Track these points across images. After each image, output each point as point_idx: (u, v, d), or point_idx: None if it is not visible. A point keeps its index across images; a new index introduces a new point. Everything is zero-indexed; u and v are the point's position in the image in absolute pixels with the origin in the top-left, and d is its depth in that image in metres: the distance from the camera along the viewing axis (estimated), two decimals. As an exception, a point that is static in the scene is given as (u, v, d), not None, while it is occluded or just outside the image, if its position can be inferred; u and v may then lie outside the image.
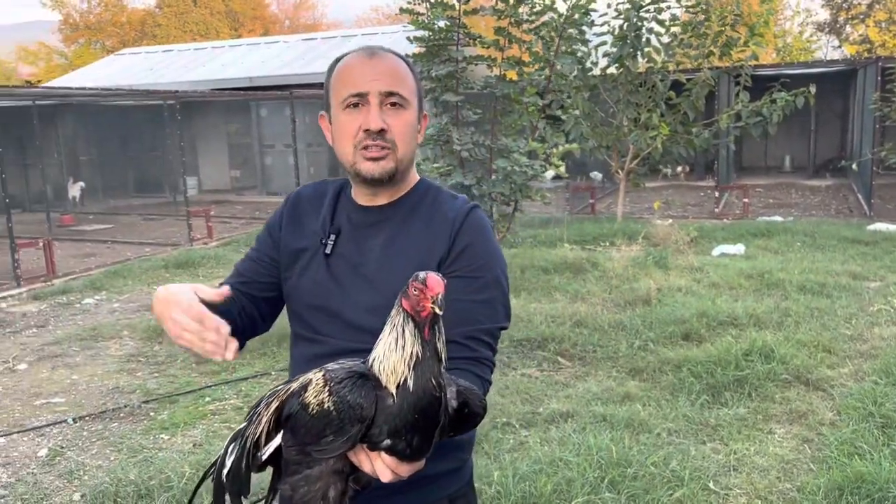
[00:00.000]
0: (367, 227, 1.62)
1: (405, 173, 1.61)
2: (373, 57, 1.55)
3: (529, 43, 6.59)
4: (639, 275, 7.25)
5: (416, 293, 1.18)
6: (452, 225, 1.57)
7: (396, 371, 1.17)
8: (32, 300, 8.07)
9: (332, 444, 1.19)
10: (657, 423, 4.10)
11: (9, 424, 4.72)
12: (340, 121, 1.56)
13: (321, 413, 1.18)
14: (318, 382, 1.21)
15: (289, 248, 1.68)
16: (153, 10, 44.64)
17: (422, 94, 1.65)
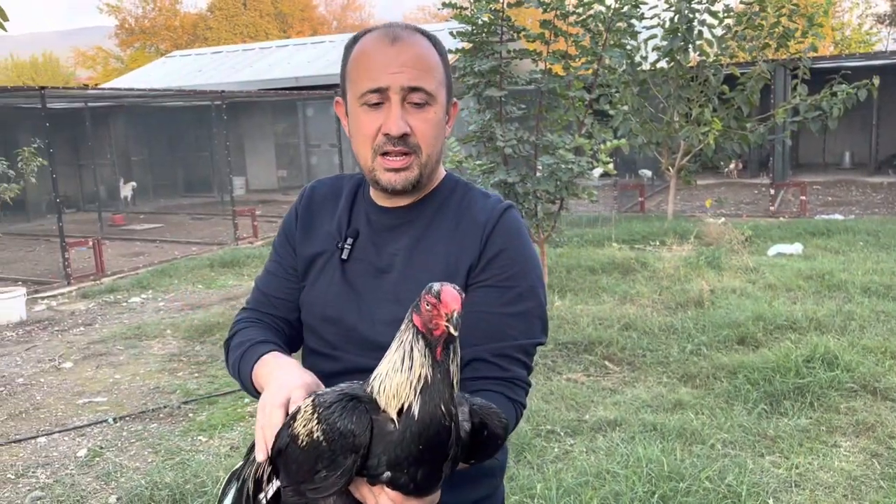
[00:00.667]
0: (388, 229, 1.45)
1: (430, 175, 1.43)
2: (395, 42, 1.35)
3: (576, 36, 6.38)
4: (690, 275, 6.97)
5: (429, 308, 1.02)
6: (484, 228, 1.40)
7: (400, 394, 1.01)
8: (81, 298, 8.17)
9: (326, 480, 1.03)
10: (711, 434, 3.87)
11: (51, 423, 4.73)
12: (358, 118, 1.38)
13: (311, 444, 1.03)
14: (306, 410, 1.05)
15: (302, 255, 1.52)
16: (205, 14, 45.51)
17: (451, 80, 1.45)
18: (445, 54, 1.44)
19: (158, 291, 8.27)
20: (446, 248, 1.41)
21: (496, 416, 1.15)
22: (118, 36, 45.19)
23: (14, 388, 5.39)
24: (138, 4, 44.68)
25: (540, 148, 6.30)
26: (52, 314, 7.54)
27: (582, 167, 6.03)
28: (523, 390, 1.41)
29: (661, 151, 10.89)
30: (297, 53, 19.35)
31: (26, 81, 39.49)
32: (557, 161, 5.98)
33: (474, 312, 1.37)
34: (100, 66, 44.88)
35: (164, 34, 43.97)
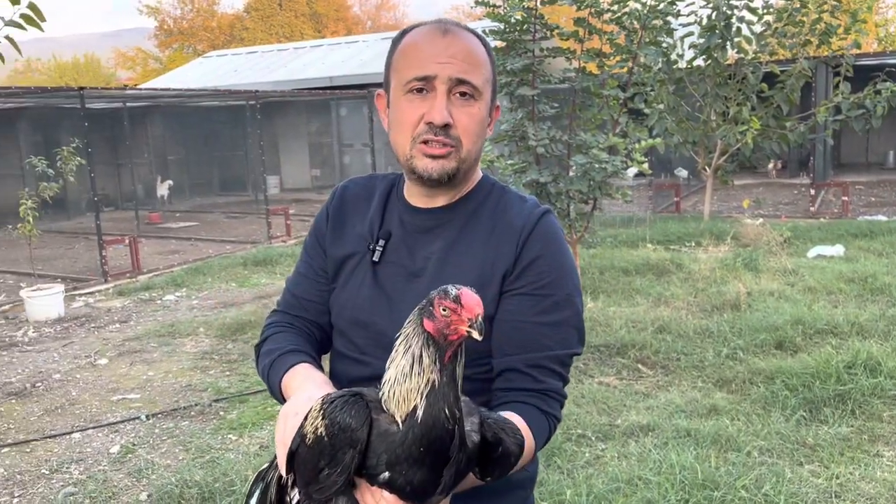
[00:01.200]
0: (421, 232, 1.42)
1: (468, 173, 1.40)
2: (447, 34, 1.33)
3: (611, 34, 6.29)
4: (727, 277, 6.83)
5: (446, 313, 0.99)
6: (520, 233, 1.36)
7: (409, 399, 0.99)
8: (118, 296, 8.29)
9: (328, 478, 1.02)
10: (747, 441, 3.77)
11: (86, 420, 4.79)
12: (401, 106, 1.35)
13: (315, 441, 1.02)
14: (314, 409, 1.05)
15: (333, 256, 1.49)
16: (241, 14, 46.05)
17: (496, 82, 1.42)
18: (493, 56, 1.42)
19: (192, 289, 8.36)
20: (481, 253, 1.37)
21: (512, 432, 1.12)
22: (157, 37, 45.97)
23: (51, 384, 5.48)
24: (177, 6, 45.41)
25: (573, 147, 6.22)
26: (89, 311, 7.66)
27: (615, 167, 5.93)
28: (558, 402, 1.37)
29: (697, 151, 10.70)
30: (330, 53, 19.45)
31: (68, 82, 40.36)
32: (591, 160, 5.90)
33: (508, 321, 1.35)
34: (139, 66, 45.69)
35: (202, 35, 44.60)
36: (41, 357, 6.15)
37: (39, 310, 7.30)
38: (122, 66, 48.05)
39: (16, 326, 7.17)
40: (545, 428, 1.33)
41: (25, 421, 4.82)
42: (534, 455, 1.32)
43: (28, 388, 5.41)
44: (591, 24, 6.19)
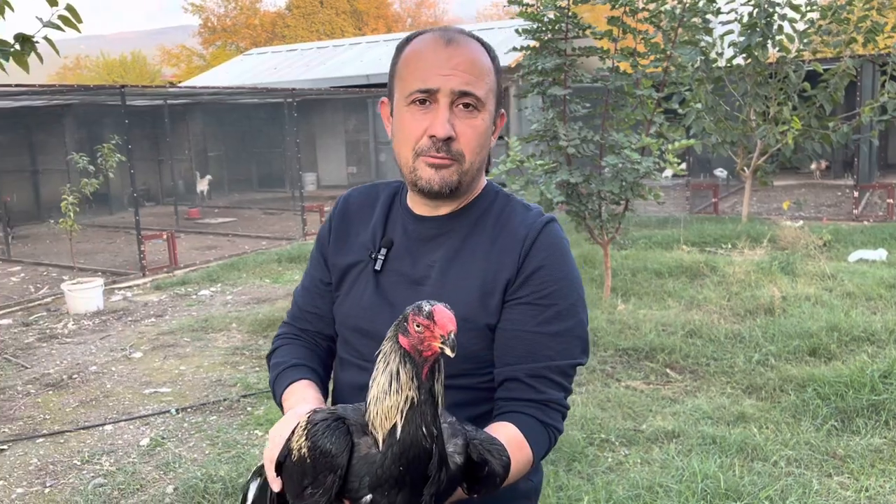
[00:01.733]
0: (424, 240, 1.42)
1: (471, 184, 1.39)
2: (450, 44, 1.32)
3: (645, 33, 6.21)
4: (762, 281, 6.69)
5: (420, 329, 0.99)
6: (523, 242, 1.35)
7: (390, 417, 0.99)
8: (155, 290, 8.46)
9: (311, 497, 1.03)
10: (774, 450, 3.69)
11: (118, 412, 4.90)
12: (403, 118, 1.34)
13: (300, 460, 1.03)
14: (301, 425, 1.06)
15: (337, 265, 1.50)
16: (283, 12, 46.56)
17: (501, 90, 1.41)
18: (498, 63, 1.40)
19: (227, 285, 8.48)
20: (484, 262, 1.36)
21: (498, 453, 1.11)
22: (201, 34, 46.75)
23: (87, 376, 5.62)
24: (221, 4, 46.11)
25: (605, 147, 6.16)
26: (126, 304, 7.83)
27: (647, 168, 5.86)
28: (559, 413, 1.36)
29: (736, 151, 10.51)
30: (368, 51, 19.55)
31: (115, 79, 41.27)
32: (622, 161, 5.83)
33: (510, 331, 1.35)
34: (183, 63, 46.50)
35: (245, 32, 45.21)
36: (79, 349, 6.30)
37: (79, 303, 7.48)
38: (167, 63, 48.96)
39: (57, 319, 7.36)
40: (545, 439, 1.32)
41: (61, 412, 4.94)
42: (533, 466, 1.31)
43: (65, 380, 5.55)
44: (626, 22, 6.12)
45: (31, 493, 3.84)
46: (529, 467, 1.29)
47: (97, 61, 48.36)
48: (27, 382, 5.52)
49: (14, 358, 6.10)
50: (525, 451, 1.26)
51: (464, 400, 1.35)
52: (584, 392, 4.63)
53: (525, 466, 1.27)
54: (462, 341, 1.33)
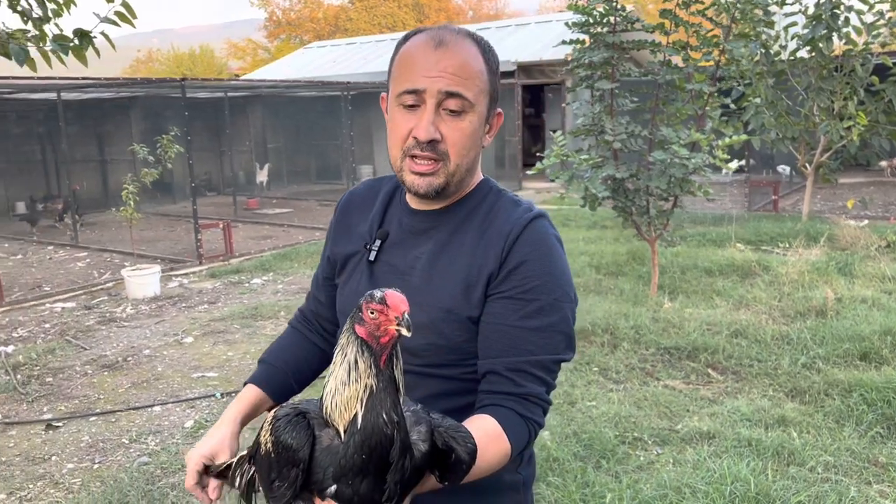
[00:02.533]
0: (415, 233, 1.45)
1: (461, 184, 1.40)
2: (440, 46, 1.32)
3: (698, 26, 6.07)
4: (816, 282, 6.49)
5: (374, 315, 1.01)
6: (507, 237, 1.36)
7: (350, 407, 1.01)
8: (210, 278, 8.71)
9: (279, 489, 1.06)
10: (813, 455, 3.60)
11: (167, 394, 5.09)
12: (394, 118, 1.37)
13: (266, 454, 1.07)
14: (267, 421, 1.09)
15: (339, 255, 1.54)
16: (346, 5, 47.07)
17: (497, 90, 1.41)
18: (494, 63, 1.40)
19: (279, 274, 8.68)
20: (469, 256, 1.38)
21: (463, 440, 1.12)
22: (266, 28, 47.67)
23: (140, 359, 5.84)
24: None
25: (654, 143, 6.07)
26: (182, 291, 8.09)
27: (696, 164, 5.74)
28: (539, 407, 1.36)
29: (797, 147, 10.18)
30: (427, 44, 19.60)
31: (184, 72, 42.42)
32: (670, 156, 5.73)
33: (491, 324, 1.35)
34: (249, 56, 47.51)
35: (308, 25, 45.90)
36: (135, 333, 6.55)
37: (138, 288, 7.77)
38: (233, 56, 50.09)
39: (116, 303, 7.66)
40: (524, 432, 1.33)
41: (114, 392, 5.16)
42: (511, 458, 1.32)
43: (120, 362, 5.78)
44: (678, 15, 6.00)
45: (80, 469, 4.03)
46: (507, 459, 1.30)
47: (168, 54, 49.75)
48: (85, 363, 5.78)
49: (75, 340, 6.39)
50: (502, 442, 1.27)
51: (447, 390, 1.37)
52: (621, 390, 4.59)
53: (503, 458, 1.28)
54: (446, 332, 1.36)
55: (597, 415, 4.17)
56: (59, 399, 5.08)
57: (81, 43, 4.17)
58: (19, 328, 6.89)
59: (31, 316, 7.32)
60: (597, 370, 4.95)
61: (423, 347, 1.35)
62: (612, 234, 9.35)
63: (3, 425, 4.65)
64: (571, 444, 3.79)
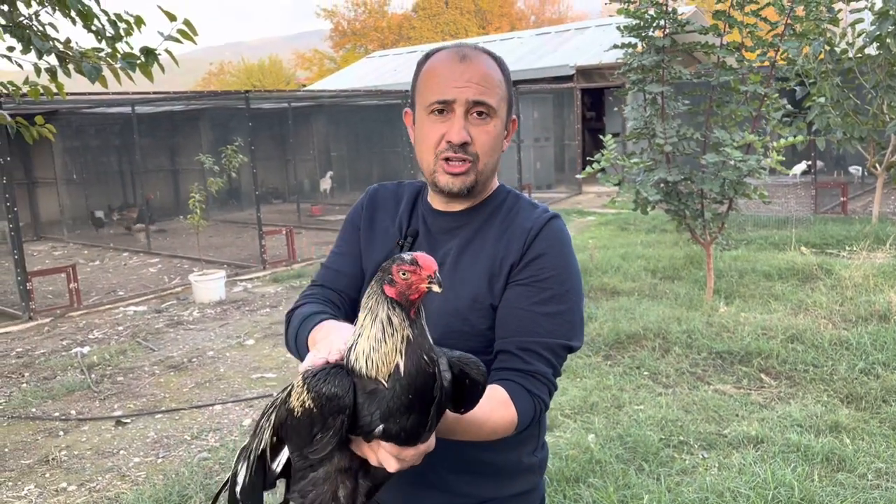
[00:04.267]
0: (442, 232, 1.57)
1: (486, 185, 1.55)
2: (463, 60, 1.47)
3: (753, 26, 5.98)
4: (881, 286, 6.29)
5: (406, 276, 1.11)
6: (528, 232, 1.49)
7: (390, 361, 1.11)
8: (273, 282, 9.00)
9: (321, 441, 1.15)
10: (864, 462, 3.52)
11: (227, 394, 5.31)
12: (424, 126, 1.50)
13: (305, 413, 1.14)
14: (298, 385, 1.18)
15: (371, 263, 1.61)
16: (409, 14, 47.66)
17: (512, 98, 1.56)
18: (508, 74, 1.54)
19: (338, 279, 8.89)
20: (493, 250, 1.50)
21: (474, 365, 1.22)
22: (332, 38, 48.67)
23: (204, 360, 6.10)
24: (350, 8, 47.81)
25: (709, 145, 6.01)
26: (246, 295, 8.39)
27: (751, 166, 5.66)
28: (545, 387, 1.45)
29: (866, 147, 9.84)
30: (486, 50, 19.69)
31: (254, 83, 43.69)
32: (724, 159, 5.67)
33: (507, 308, 1.47)
34: (315, 66, 48.58)
35: (373, 35, 46.66)
36: (200, 336, 6.84)
37: (204, 293, 8.10)
38: (300, 66, 51.30)
39: (184, 307, 8.00)
40: (530, 406, 1.41)
41: (179, 392, 5.42)
42: (516, 429, 1.39)
43: (185, 363, 6.06)
44: (732, 16, 5.93)
45: (145, 463, 4.26)
46: (513, 428, 1.39)
47: (238, 66, 51.29)
48: (153, 364, 6.08)
49: (145, 342, 6.72)
50: (510, 409, 1.37)
51: None
52: (669, 394, 4.57)
53: (508, 425, 1.37)
54: (471, 319, 1.49)
55: (643, 418, 4.16)
56: (129, 397, 5.37)
57: (147, 60, 4.42)
58: (95, 330, 7.28)
59: (106, 319, 7.72)
60: (647, 374, 4.93)
61: (450, 335, 1.45)
62: (670, 239, 9.23)
63: (76, 421, 4.95)
64: (615, 446, 3.81)
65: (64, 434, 4.75)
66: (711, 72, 6.04)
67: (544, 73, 16.58)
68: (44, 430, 4.83)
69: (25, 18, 4.40)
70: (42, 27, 4.47)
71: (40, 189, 14.21)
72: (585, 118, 18.36)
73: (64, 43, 4.48)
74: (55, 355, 6.45)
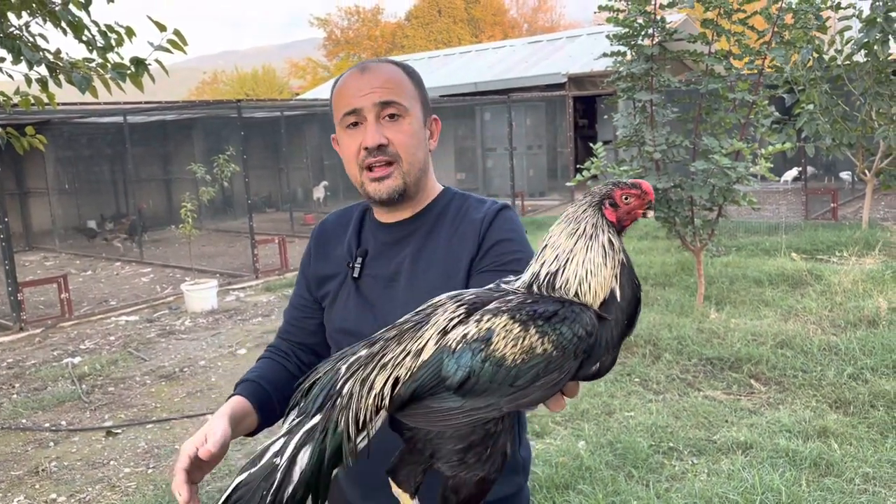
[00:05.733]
0: (393, 244, 1.58)
1: (418, 185, 1.54)
2: (365, 72, 1.51)
3: (740, 34, 6.04)
4: (871, 291, 6.33)
5: (629, 200, 1.10)
6: (481, 224, 1.50)
7: (605, 286, 1.06)
8: (265, 291, 9.00)
9: (540, 387, 1.03)
10: (852, 466, 3.54)
11: (219, 403, 5.27)
12: (344, 142, 1.53)
13: (533, 358, 1.01)
14: (508, 329, 1.03)
15: (318, 277, 1.64)
16: (402, 23, 47.79)
17: (426, 98, 1.57)
18: (417, 77, 1.57)
19: (331, 287, 8.90)
20: (446, 250, 1.51)
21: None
22: (325, 47, 48.75)
23: (195, 370, 6.10)
24: (344, 17, 47.94)
25: (698, 152, 6.04)
26: (238, 304, 8.39)
27: (740, 173, 5.70)
28: None
29: (855, 153, 9.91)
30: (477, 59, 19.80)
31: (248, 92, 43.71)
32: (712, 166, 5.71)
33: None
34: (309, 75, 48.62)
35: (366, 44, 46.75)
36: (192, 345, 6.84)
37: (196, 302, 8.09)
38: (294, 75, 51.34)
39: (176, 316, 8.00)
40: None
41: (170, 401, 5.41)
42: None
43: (177, 373, 6.05)
44: (720, 25, 5.99)
45: (136, 473, 4.25)
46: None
47: (232, 75, 51.31)
48: (144, 374, 6.07)
49: (136, 352, 6.71)
50: None
51: None
52: (660, 401, 4.59)
53: None
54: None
55: (633, 425, 4.18)
56: (120, 407, 5.36)
57: (137, 70, 4.44)
58: (86, 340, 7.27)
59: (98, 329, 7.71)
60: (637, 381, 4.95)
61: None
62: (662, 245, 9.27)
63: (67, 432, 4.94)
64: (605, 453, 3.82)
65: (54, 445, 4.74)
66: (700, 79, 6.09)
67: (537, 80, 16.66)
68: (34, 441, 4.81)
69: (16, 29, 4.41)
70: (32, 38, 4.49)
71: (32, 199, 14.18)
72: (578, 126, 18.44)
73: (54, 53, 4.49)
74: (46, 366, 6.43)
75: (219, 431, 1.31)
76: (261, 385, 1.53)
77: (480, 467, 1.07)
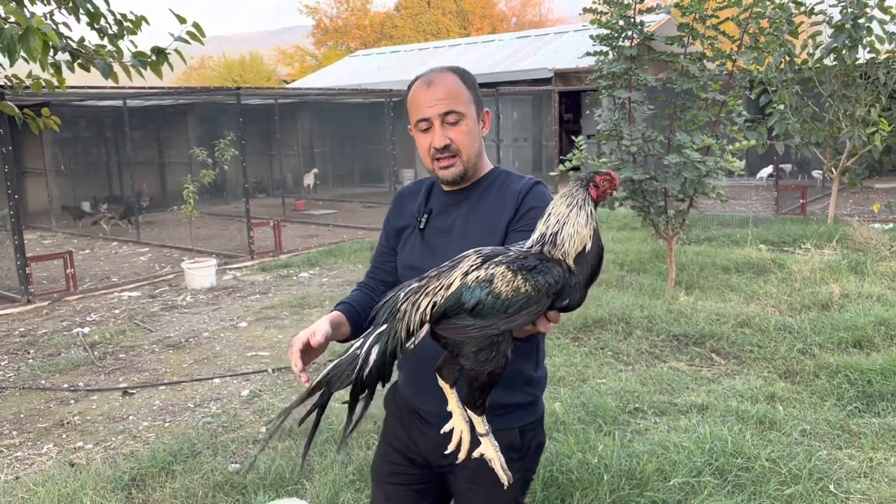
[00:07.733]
0: (451, 206, 2.04)
1: (475, 167, 2.01)
2: (430, 86, 1.95)
3: (713, 38, 6.52)
4: (827, 279, 6.87)
5: (606, 182, 1.59)
6: (519, 193, 1.95)
7: (583, 241, 1.54)
8: (261, 271, 9.41)
9: (524, 315, 1.52)
10: (792, 424, 4.05)
11: (224, 369, 5.74)
12: (418, 139, 1.99)
13: (518, 295, 1.50)
14: (503, 275, 1.53)
15: (395, 228, 2.15)
16: (392, 13, 47.95)
17: (479, 96, 2.02)
18: (471, 81, 2.02)
19: (324, 268, 9.33)
20: (491, 212, 1.98)
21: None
22: (314, 35, 48.78)
23: (200, 340, 6.52)
24: (333, 5, 48.01)
25: (672, 147, 6.53)
26: (236, 283, 8.80)
27: (709, 166, 6.20)
28: None
29: (822, 152, 10.48)
30: (467, 52, 20.20)
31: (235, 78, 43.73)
32: (684, 160, 6.19)
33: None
34: (297, 63, 48.64)
35: (355, 33, 46.88)
36: (195, 318, 7.25)
37: (196, 280, 8.49)
38: (282, 62, 51.29)
39: (177, 293, 8.40)
40: None
41: (179, 367, 5.83)
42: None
43: (183, 342, 6.47)
44: (695, 29, 6.46)
45: (154, 426, 4.68)
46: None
47: (219, 62, 51.16)
48: (152, 343, 6.48)
49: (142, 323, 7.11)
50: None
51: None
52: (629, 370, 5.08)
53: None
54: None
55: (604, 390, 4.67)
56: (132, 371, 5.77)
57: (158, 59, 4.84)
58: (92, 313, 7.66)
59: (102, 303, 8.09)
60: (610, 354, 5.45)
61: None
62: (639, 235, 9.78)
63: (85, 391, 5.35)
64: (578, 411, 4.30)
65: (75, 402, 5.16)
66: (676, 79, 6.57)
67: (524, 75, 17.12)
68: (55, 399, 5.23)
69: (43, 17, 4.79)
70: (56, 26, 4.87)
71: (29, 179, 14.45)
72: (563, 120, 18.91)
73: (78, 42, 4.88)
74: (57, 335, 6.82)
75: (324, 328, 1.82)
76: (353, 306, 2.05)
77: (489, 364, 1.56)
